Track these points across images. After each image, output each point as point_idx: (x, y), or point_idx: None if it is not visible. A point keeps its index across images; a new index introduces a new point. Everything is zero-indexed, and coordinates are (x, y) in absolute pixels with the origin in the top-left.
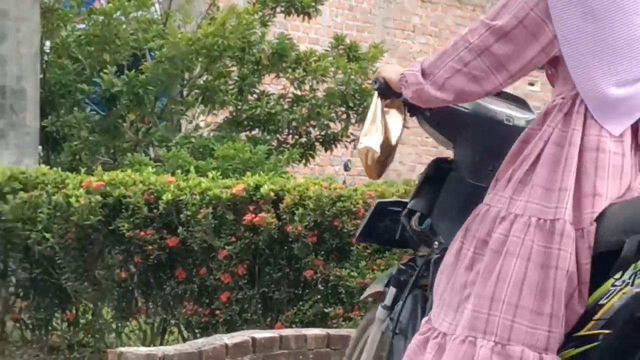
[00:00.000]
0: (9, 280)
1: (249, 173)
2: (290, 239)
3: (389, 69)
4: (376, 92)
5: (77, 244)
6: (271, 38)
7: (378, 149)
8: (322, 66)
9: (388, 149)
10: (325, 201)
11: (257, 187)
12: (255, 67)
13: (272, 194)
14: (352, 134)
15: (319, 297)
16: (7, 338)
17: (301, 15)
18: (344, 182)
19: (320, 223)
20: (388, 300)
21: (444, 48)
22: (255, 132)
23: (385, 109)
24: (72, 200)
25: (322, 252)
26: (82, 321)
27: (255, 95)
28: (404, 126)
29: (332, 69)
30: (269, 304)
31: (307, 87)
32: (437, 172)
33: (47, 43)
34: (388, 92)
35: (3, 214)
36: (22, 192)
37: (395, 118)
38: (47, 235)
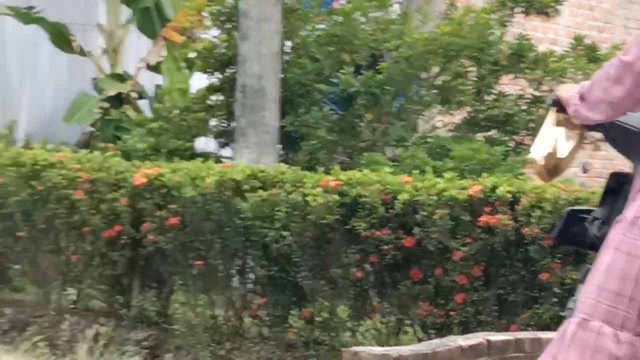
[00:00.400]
0: (247, 277)
1: (485, 174)
2: (526, 241)
3: (565, 87)
4: (551, 107)
5: (314, 242)
6: (510, 38)
7: (538, 161)
8: (561, 67)
9: (555, 160)
10: (563, 203)
11: (494, 189)
12: (493, 68)
13: (508, 195)
14: (591, 135)
15: (555, 300)
16: (245, 334)
17: (540, 16)
18: (582, 184)
19: None
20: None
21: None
22: (493, 132)
23: (561, 124)
24: (310, 199)
25: (559, 255)
26: (317, 319)
27: (493, 96)
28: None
29: (572, 70)
30: (504, 306)
31: (545, 88)
32: (616, 184)
33: (287, 43)
34: (560, 108)
35: (242, 212)
36: (261, 191)
37: (567, 133)
38: (285, 234)
